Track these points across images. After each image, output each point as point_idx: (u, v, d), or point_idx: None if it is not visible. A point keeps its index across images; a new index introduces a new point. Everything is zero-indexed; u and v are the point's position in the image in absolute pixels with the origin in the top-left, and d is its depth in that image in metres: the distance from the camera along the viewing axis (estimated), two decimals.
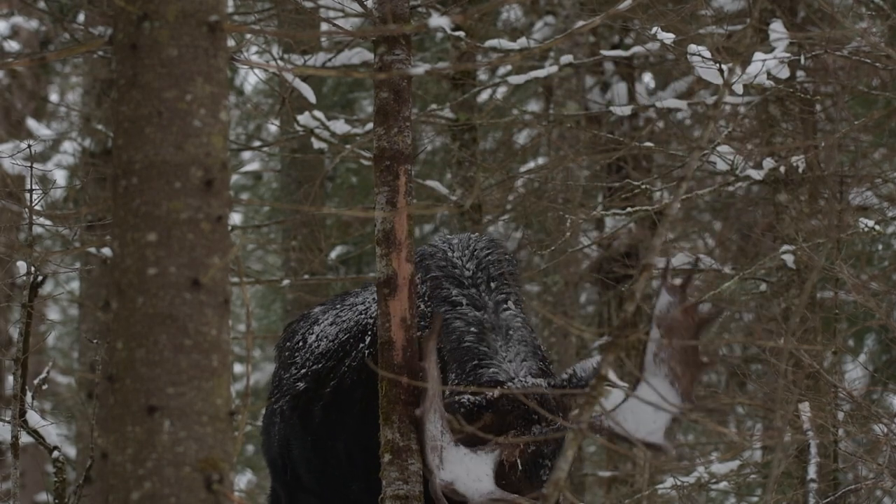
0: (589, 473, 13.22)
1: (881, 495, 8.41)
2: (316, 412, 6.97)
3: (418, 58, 12.29)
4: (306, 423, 7.03)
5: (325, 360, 7.05)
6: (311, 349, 7.17)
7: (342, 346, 7.00)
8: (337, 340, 7.05)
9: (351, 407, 6.86)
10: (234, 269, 8.55)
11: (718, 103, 4.70)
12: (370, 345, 6.80)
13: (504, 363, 6.32)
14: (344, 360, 6.96)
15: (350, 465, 6.88)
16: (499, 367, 6.30)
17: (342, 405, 6.90)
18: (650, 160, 12.76)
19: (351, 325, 7.04)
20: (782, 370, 7.35)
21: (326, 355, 7.06)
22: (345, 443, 6.88)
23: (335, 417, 6.90)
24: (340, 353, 6.99)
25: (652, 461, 9.57)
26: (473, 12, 4.84)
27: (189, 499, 4.03)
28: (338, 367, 6.97)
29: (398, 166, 6.24)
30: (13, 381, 7.44)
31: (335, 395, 6.93)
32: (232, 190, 13.25)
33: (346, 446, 6.88)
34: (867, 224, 9.08)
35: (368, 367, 6.74)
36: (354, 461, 6.86)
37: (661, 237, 4.25)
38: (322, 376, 7.01)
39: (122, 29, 4.14)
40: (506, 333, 6.45)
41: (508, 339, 6.43)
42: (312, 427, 7.01)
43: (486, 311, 6.48)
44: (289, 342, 7.35)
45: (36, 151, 11.49)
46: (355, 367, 6.87)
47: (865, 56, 9.23)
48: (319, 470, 7.05)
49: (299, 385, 7.10)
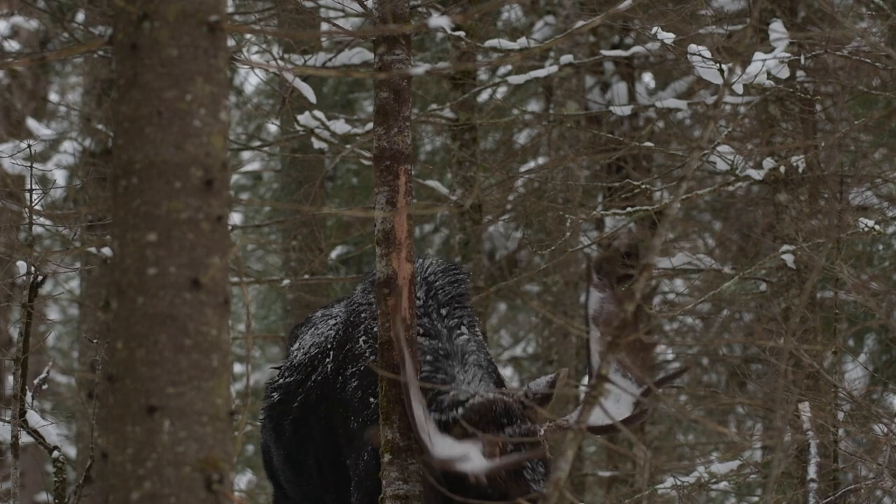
0: (589, 473, 13.22)
1: (881, 495, 8.41)
2: (286, 426, 6.96)
3: (418, 58, 12.29)
4: (279, 435, 7.03)
5: (295, 373, 7.03)
6: (292, 360, 7.15)
7: (311, 360, 6.97)
8: (308, 354, 7.03)
9: (317, 422, 6.84)
10: (234, 269, 8.55)
11: (718, 103, 4.71)
12: (334, 359, 6.78)
13: (462, 385, 6.33)
14: (311, 375, 6.93)
15: (321, 478, 6.88)
16: (458, 389, 6.30)
17: (309, 420, 6.87)
18: (650, 160, 12.76)
19: (320, 340, 7.02)
20: (782, 370, 7.35)
21: (298, 368, 7.03)
22: (314, 458, 6.87)
23: (304, 433, 6.89)
24: (309, 368, 6.96)
25: (652, 461, 9.56)
26: (473, 12, 4.83)
27: (189, 499, 4.03)
28: (305, 382, 6.95)
29: (398, 166, 6.24)
30: (13, 381, 7.44)
31: (301, 410, 6.91)
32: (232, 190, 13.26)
33: (316, 461, 6.87)
34: (867, 224, 9.08)
35: (328, 384, 6.74)
36: (325, 476, 6.85)
37: (661, 237, 4.25)
38: (292, 390, 6.99)
39: (122, 29, 4.14)
40: (462, 358, 6.45)
41: (465, 363, 6.43)
42: (284, 441, 7.00)
43: (441, 339, 6.47)
44: (292, 346, 7.34)
45: (36, 151, 11.49)
46: (320, 381, 6.84)
47: (865, 56, 9.23)
48: (294, 482, 7.05)
49: (273, 396, 7.09)
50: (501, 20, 13.20)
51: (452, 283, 6.66)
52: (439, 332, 6.48)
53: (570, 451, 4.10)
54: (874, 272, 10.70)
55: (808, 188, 9.81)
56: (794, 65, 9.52)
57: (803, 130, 9.84)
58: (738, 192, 11.34)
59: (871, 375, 10.39)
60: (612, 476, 12.66)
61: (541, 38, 12.00)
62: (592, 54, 12.00)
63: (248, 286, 13.25)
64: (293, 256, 12.08)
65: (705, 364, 13.22)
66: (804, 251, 9.34)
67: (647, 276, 4.13)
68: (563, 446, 4.12)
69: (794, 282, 9.69)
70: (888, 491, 8.07)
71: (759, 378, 10.19)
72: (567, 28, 12.24)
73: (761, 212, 11.64)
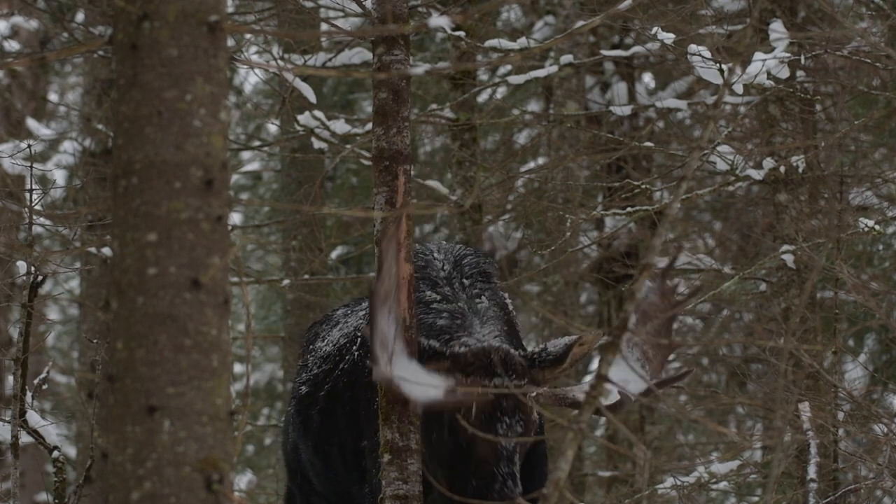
0: (589, 473, 13.22)
1: (881, 495, 8.41)
2: (314, 416, 6.99)
3: (418, 58, 12.29)
4: (307, 427, 7.05)
5: (324, 363, 7.06)
6: (318, 353, 7.18)
7: (339, 351, 7.01)
8: (337, 345, 7.06)
9: (342, 409, 6.86)
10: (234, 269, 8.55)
11: (718, 103, 4.71)
12: (360, 347, 6.80)
13: (475, 335, 6.34)
14: (339, 365, 6.96)
15: (345, 468, 6.89)
16: (470, 336, 6.32)
17: (335, 409, 6.90)
18: (650, 160, 12.76)
19: (349, 330, 7.05)
20: (782, 370, 7.35)
21: (326, 359, 7.07)
22: (338, 447, 6.89)
23: (329, 422, 6.91)
24: (336, 358, 7.00)
25: (652, 461, 9.56)
26: (473, 12, 4.83)
27: (189, 499, 4.03)
28: (332, 371, 6.97)
29: (397, 166, 6.24)
30: (13, 381, 7.44)
31: (328, 399, 6.93)
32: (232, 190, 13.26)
33: (340, 450, 6.88)
34: (867, 224, 9.08)
35: (357, 370, 6.76)
36: (348, 465, 6.86)
37: (661, 237, 4.25)
38: (320, 380, 7.02)
39: (122, 29, 4.14)
40: (481, 317, 6.48)
41: (484, 320, 6.46)
42: (312, 432, 7.02)
43: (459, 302, 6.52)
44: (311, 344, 7.35)
45: (36, 151, 11.49)
46: (348, 369, 6.87)
47: (865, 56, 9.23)
48: (323, 474, 7.06)
49: (303, 389, 7.12)
50: (501, 20, 13.21)
51: (481, 263, 6.71)
52: (459, 298, 6.51)
53: (570, 451, 4.10)
54: (874, 272, 10.70)
55: (808, 188, 9.81)
56: (794, 65, 9.52)
57: (803, 130, 9.84)
58: (738, 192, 11.34)
59: (871, 375, 10.39)
60: (612, 476, 12.67)
61: (541, 38, 12.00)
62: (592, 54, 12.00)
63: (248, 286, 13.25)
64: (293, 256, 12.09)
65: (705, 364, 13.22)
66: (804, 251, 9.34)
67: (646, 275, 4.13)
68: (564, 446, 4.12)
69: (794, 282, 9.69)
70: (888, 491, 8.07)
71: (759, 378, 10.19)
72: (567, 28, 12.24)
73: (761, 212, 11.64)
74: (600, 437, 12.96)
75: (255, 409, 15.05)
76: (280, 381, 15.22)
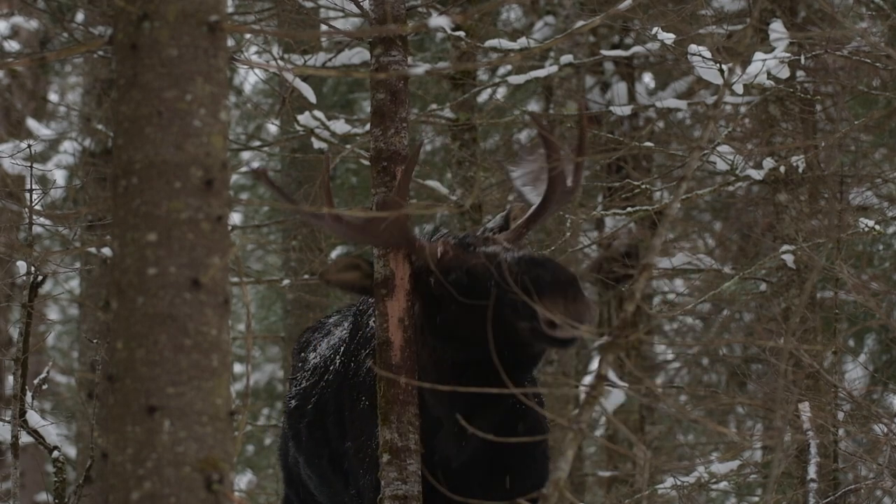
0: (589, 473, 13.22)
1: (881, 495, 8.41)
2: (303, 430, 6.98)
3: (418, 58, 12.29)
4: (298, 441, 7.04)
5: (311, 376, 7.05)
6: (307, 365, 7.17)
7: (325, 361, 6.99)
8: (323, 357, 7.04)
9: (329, 418, 6.84)
10: (234, 269, 8.55)
11: (718, 103, 4.71)
12: (345, 353, 6.79)
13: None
14: (324, 376, 6.94)
15: (335, 477, 6.88)
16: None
17: (324, 420, 6.88)
18: (650, 160, 12.76)
19: (335, 342, 7.04)
20: (782, 370, 7.34)
21: (313, 371, 7.05)
22: (328, 458, 6.88)
23: (319, 434, 6.90)
24: (321, 369, 6.98)
25: (652, 461, 9.56)
26: (473, 12, 4.84)
27: (189, 499, 4.03)
28: (318, 383, 6.96)
29: (395, 167, 6.24)
30: (13, 381, 7.44)
31: (315, 411, 6.92)
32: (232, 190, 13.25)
33: (330, 461, 6.88)
34: (867, 224, 9.08)
35: (340, 376, 6.76)
36: (336, 472, 6.86)
37: (661, 237, 4.25)
38: (307, 393, 7.01)
39: (122, 29, 4.14)
40: None
41: None
42: (302, 446, 7.01)
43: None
44: (302, 353, 7.34)
45: (36, 151, 11.49)
46: (332, 379, 6.86)
47: (865, 56, 9.23)
48: (320, 488, 7.06)
49: (292, 403, 7.11)
50: (501, 20, 13.20)
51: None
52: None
53: (571, 451, 4.10)
54: (874, 272, 10.70)
55: (808, 188, 9.81)
56: (794, 65, 9.52)
57: (803, 130, 9.84)
58: (738, 192, 11.34)
59: (871, 375, 10.39)
60: (612, 476, 12.67)
61: (541, 38, 12.00)
62: (592, 54, 12.00)
63: (248, 286, 13.25)
64: (293, 256, 12.09)
65: (705, 364, 13.22)
66: (804, 251, 9.34)
67: (646, 275, 4.13)
68: (564, 446, 4.12)
69: (794, 282, 9.69)
70: (888, 491, 8.07)
71: (759, 378, 10.18)
72: (567, 28, 12.24)
73: (761, 212, 11.64)
74: (600, 437, 12.96)
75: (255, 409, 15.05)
76: (280, 381, 15.24)
